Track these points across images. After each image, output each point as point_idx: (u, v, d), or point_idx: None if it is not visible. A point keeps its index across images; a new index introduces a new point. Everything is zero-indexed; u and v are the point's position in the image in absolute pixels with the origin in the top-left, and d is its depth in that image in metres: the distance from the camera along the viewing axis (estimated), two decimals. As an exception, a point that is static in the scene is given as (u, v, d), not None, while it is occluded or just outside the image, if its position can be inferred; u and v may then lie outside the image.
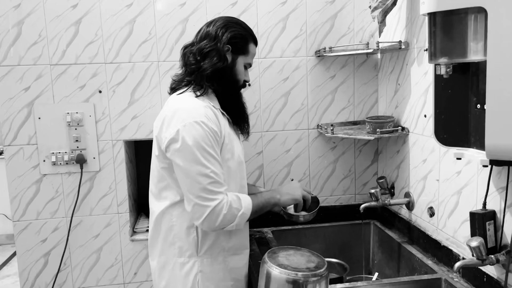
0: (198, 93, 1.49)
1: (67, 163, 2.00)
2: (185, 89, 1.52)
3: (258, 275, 1.61)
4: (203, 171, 1.39)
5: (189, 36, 1.99)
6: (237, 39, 1.53)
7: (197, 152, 1.38)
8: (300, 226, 2.17)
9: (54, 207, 2.03)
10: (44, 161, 1.99)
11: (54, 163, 1.99)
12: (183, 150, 1.39)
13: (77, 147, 2.00)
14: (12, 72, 1.92)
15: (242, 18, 2.00)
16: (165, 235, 1.55)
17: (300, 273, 1.34)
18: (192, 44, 1.56)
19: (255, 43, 1.61)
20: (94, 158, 2.02)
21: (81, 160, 1.99)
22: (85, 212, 2.05)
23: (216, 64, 1.48)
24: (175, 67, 2.01)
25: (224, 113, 1.55)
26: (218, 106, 1.54)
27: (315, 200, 1.79)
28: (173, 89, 1.59)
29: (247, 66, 1.60)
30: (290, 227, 2.17)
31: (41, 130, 1.97)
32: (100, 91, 2.00)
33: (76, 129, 1.99)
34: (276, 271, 1.36)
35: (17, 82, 1.93)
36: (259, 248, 1.92)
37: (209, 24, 1.56)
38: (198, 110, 1.43)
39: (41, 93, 1.96)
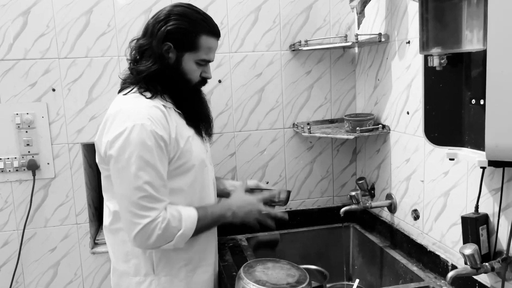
0: (148, 95, 1.31)
1: (17, 170, 1.80)
2: (131, 88, 1.34)
3: (232, 290, 1.47)
4: (135, 184, 1.21)
5: (153, 28, 1.84)
6: (178, 34, 1.29)
7: (133, 160, 1.20)
8: (277, 232, 2.04)
9: (3, 219, 1.82)
10: (-10, 168, 1.78)
11: (2, 170, 1.78)
12: (118, 158, 1.22)
13: (29, 151, 1.80)
14: (-49, 68, 1.71)
15: (210, 9, 1.87)
16: (118, 252, 1.38)
17: (280, 290, 1.21)
18: (138, 39, 1.37)
19: (213, 34, 1.36)
20: (48, 163, 1.82)
21: (33, 166, 1.79)
22: (39, 224, 1.85)
23: (151, 67, 1.28)
24: (137, 62, 1.84)
25: (180, 112, 1.37)
26: (171, 105, 1.35)
27: (285, 192, 1.58)
28: (121, 90, 1.40)
29: (202, 62, 1.36)
30: (266, 233, 2.03)
31: (-14, 133, 1.76)
32: (53, 89, 1.80)
33: (26, 131, 1.79)
34: (253, 289, 1.22)
35: (-44, 80, 1.72)
36: (233, 258, 1.78)
37: (153, 15, 1.35)
38: (141, 112, 1.24)
39: (-15, 92, 1.75)
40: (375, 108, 1.90)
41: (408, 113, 1.65)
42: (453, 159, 1.18)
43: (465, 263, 1.22)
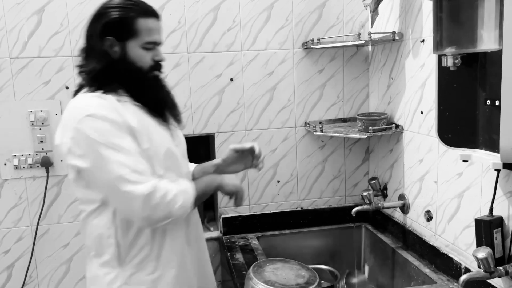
0: (99, 92, 1.25)
1: (31, 167, 1.82)
2: (83, 90, 1.30)
3: (242, 288, 1.47)
4: (116, 159, 1.17)
5: (164, 25, 1.80)
6: (114, 24, 1.25)
7: (102, 146, 1.17)
8: (288, 231, 2.03)
9: (17, 215, 1.84)
10: (5, 164, 1.80)
11: (16, 167, 1.81)
12: (86, 150, 1.18)
13: (42, 148, 1.82)
14: (-33, 66, 1.74)
15: (222, 7, 1.87)
16: (91, 248, 1.34)
17: (289, 291, 1.21)
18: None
19: (148, 15, 1.27)
20: (61, 160, 1.84)
21: (46, 163, 1.81)
22: (53, 220, 1.87)
23: (95, 66, 1.26)
24: (150, 61, 1.85)
25: (140, 105, 1.29)
26: (127, 99, 1.28)
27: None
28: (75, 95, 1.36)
29: (148, 46, 1.28)
30: (277, 232, 2.03)
31: (1, 130, 1.78)
32: (67, 87, 1.82)
33: (40, 129, 1.81)
34: (262, 289, 1.22)
35: (-28, 78, 1.74)
36: (243, 257, 1.78)
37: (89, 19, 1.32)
38: (91, 103, 1.21)
39: (0, 90, 1.77)
40: (389, 107, 1.88)
41: (422, 112, 1.62)
42: (466, 161, 1.15)
43: (479, 267, 1.20)
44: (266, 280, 1.23)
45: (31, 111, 1.79)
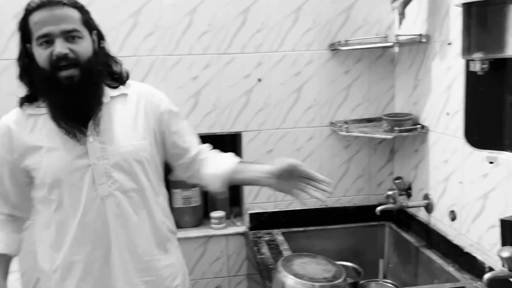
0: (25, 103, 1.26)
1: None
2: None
3: (269, 281, 1.53)
4: None
5: (196, 27, 1.92)
6: (20, 31, 1.21)
7: None
8: (312, 228, 2.08)
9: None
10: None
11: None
12: None
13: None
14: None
15: (251, 10, 1.93)
16: None
17: (317, 284, 1.26)
18: None
19: (33, 10, 1.16)
20: None
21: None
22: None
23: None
24: (182, 62, 1.92)
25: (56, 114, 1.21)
26: (45, 111, 1.22)
27: None
28: None
29: (42, 42, 1.14)
30: (301, 229, 2.08)
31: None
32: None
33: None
34: (291, 281, 1.28)
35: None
36: (270, 252, 1.84)
37: None
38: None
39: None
40: (414, 108, 1.91)
41: (448, 114, 1.65)
42: (492, 162, 1.19)
43: (503, 266, 1.23)
44: (295, 273, 1.29)
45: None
